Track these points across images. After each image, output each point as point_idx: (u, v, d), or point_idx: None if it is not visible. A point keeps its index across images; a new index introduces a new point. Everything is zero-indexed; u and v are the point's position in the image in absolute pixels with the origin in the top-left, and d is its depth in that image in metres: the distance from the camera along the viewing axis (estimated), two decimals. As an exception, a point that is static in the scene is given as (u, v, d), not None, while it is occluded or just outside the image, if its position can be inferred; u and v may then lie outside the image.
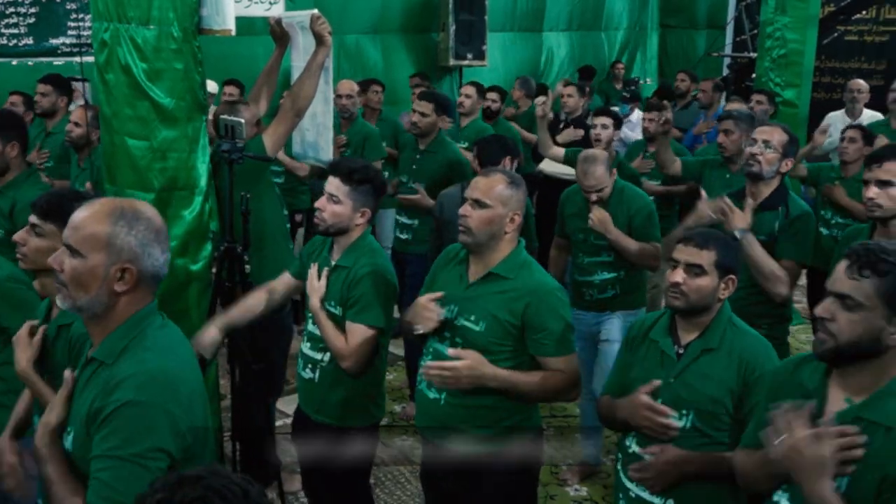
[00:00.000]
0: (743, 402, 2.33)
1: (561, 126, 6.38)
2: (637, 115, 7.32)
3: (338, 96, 5.54)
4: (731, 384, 2.34)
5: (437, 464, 2.79)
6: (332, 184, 2.88)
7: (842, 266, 1.84)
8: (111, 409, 1.75)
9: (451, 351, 2.59)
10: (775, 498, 1.96)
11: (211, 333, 2.92)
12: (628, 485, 2.47)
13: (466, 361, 2.53)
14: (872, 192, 3.11)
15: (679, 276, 2.39)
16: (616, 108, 6.45)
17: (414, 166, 4.92)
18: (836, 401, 1.88)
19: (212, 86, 6.16)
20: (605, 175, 3.86)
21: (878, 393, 1.82)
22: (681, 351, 2.42)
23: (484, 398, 2.61)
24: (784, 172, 3.46)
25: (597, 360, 4.00)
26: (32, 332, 2.21)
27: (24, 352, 2.18)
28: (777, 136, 3.43)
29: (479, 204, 2.61)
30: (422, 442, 2.94)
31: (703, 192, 3.57)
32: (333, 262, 2.94)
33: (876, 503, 1.77)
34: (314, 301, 2.91)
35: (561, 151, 5.20)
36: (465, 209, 2.62)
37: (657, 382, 2.39)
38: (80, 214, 1.87)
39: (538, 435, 2.81)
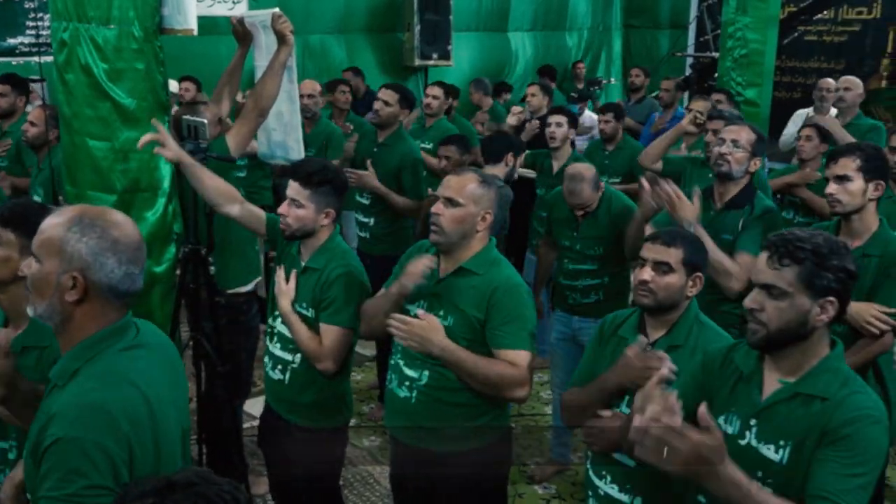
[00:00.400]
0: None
1: (526, 125, 6.42)
2: (587, 114, 7.37)
3: (303, 97, 5.51)
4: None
5: (407, 464, 2.78)
6: (293, 188, 2.87)
7: (763, 258, 1.94)
8: (45, 445, 1.68)
9: (419, 311, 2.59)
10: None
11: None
12: (597, 482, 2.49)
13: (422, 322, 2.53)
14: (832, 188, 3.14)
15: (647, 273, 2.41)
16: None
17: (370, 158, 4.92)
18: (771, 382, 1.99)
19: (174, 85, 6.11)
20: (591, 194, 3.89)
21: (812, 371, 1.94)
22: (648, 348, 2.44)
23: (455, 395, 2.61)
24: (753, 172, 3.50)
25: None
26: None
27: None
28: (745, 134, 3.46)
29: (451, 202, 2.62)
30: (391, 442, 2.94)
31: (646, 184, 3.56)
32: (303, 264, 2.93)
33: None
34: (284, 304, 2.90)
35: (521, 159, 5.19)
36: (438, 208, 2.62)
37: (644, 339, 2.41)
38: (47, 219, 1.82)
39: (507, 434, 2.82)
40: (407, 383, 2.69)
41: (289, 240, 2.98)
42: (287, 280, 2.94)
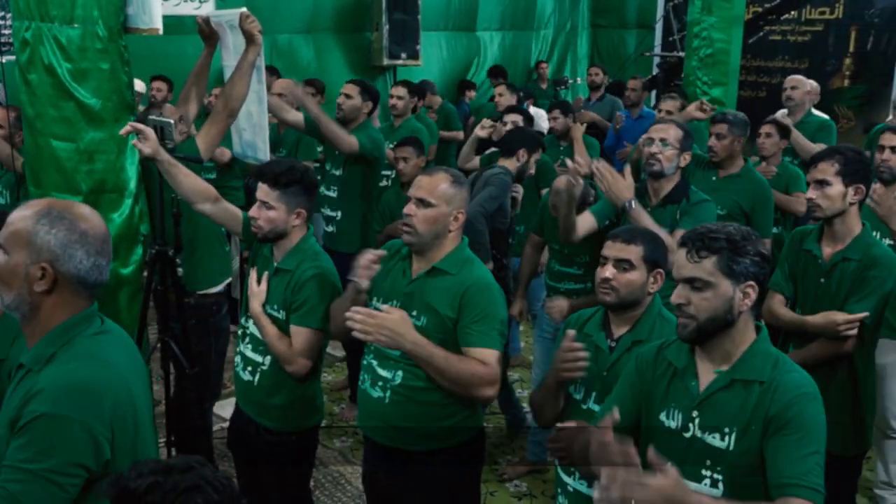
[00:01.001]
0: None
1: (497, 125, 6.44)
2: (533, 110, 7.40)
3: (277, 95, 5.48)
4: None
5: (380, 463, 2.78)
6: (262, 190, 2.86)
7: (681, 254, 2.01)
8: (26, 419, 1.72)
9: (382, 306, 2.57)
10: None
11: None
12: (566, 479, 2.51)
13: (392, 316, 2.50)
14: (811, 192, 3.13)
15: (609, 271, 2.44)
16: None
17: (336, 152, 4.90)
18: (707, 373, 2.04)
19: (139, 85, 6.04)
20: (566, 208, 3.71)
21: (744, 357, 2.00)
22: (613, 344, 2.47)
23: (428, 395, 2.61)
24: (684, 167, 3.55)
25: None
26: None
27: None
28: (673, 132, 3.52)
29: (423, 203, 2.61)
30: (364, 442, 2.93)
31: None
32: (275, 265, 2.92)
33: (761, 447, 1.92)
34: (255, 306, 2.89)
35: (476, 163, 5.17)
36: (410, 209, 2.62)
37: (576, 342, 2.44)
38: (14, 212, 1.85)
39: (480, 434, 2.82)
40: (380, 383, 2.68)
41: (261, 242, 2.96)
42: (259, 282, 2.92)
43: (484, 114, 7.20)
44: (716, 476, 1.97)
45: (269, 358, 2.90)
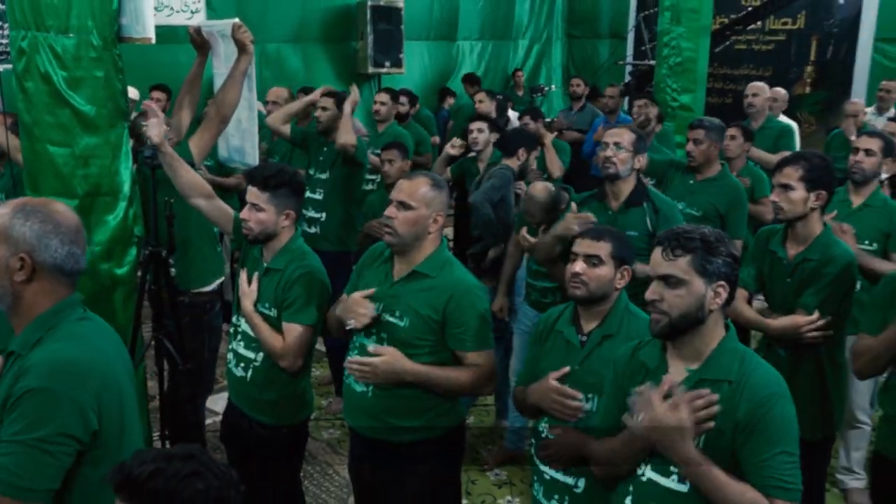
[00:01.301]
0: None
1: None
2: (511, 114, 7.41)
3: (268, 103, 5.48)
4: None
5: (365, 455, 2.78)
6: (252, 193, 2.86)
7: (657, 253, 2.02)
8: (17, 395, 1.74)
9: (370, 347, 2.60)
10: (639, 472, 2.05)
11: None
12: (542, 467, 2.51)
13: (384, 357, 2.56)
14: (775, 195, 3.15)
15: (579, 266, 2.46)
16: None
17: (321, 158, 4.93)
18: (678, 372, 2.03)
19: (133, 92, 6.00)
20: (541, 214, 3.74)
21: (712, 355, 2.00)
22: (584, 339, 2.48)
23: (409, 390, 2.61)
24: (638, 168, 3.55)
25: None
26: None
27: None
28: (626, 136, 3.52)
29: (403, 206, 2.61)
30: (350, 434, 2.93)
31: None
32: (265, 265, 2.91)
33: (731, 448, 1.92)
34: (247, 305, 2.88)
35: (448, 174, 5.18)
36: (391, 211, 2.61)
37: (566, 369, 2.45)
38: None
39: (461, 426, 2.82)
40: None
41: (252, 243, 2.95)
42: (249, 282, 2.92)
43: (463, 115, 7.23)
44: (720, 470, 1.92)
45: (261, 354, 2.89)
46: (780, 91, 6.68)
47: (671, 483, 1.97)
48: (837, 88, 8.01)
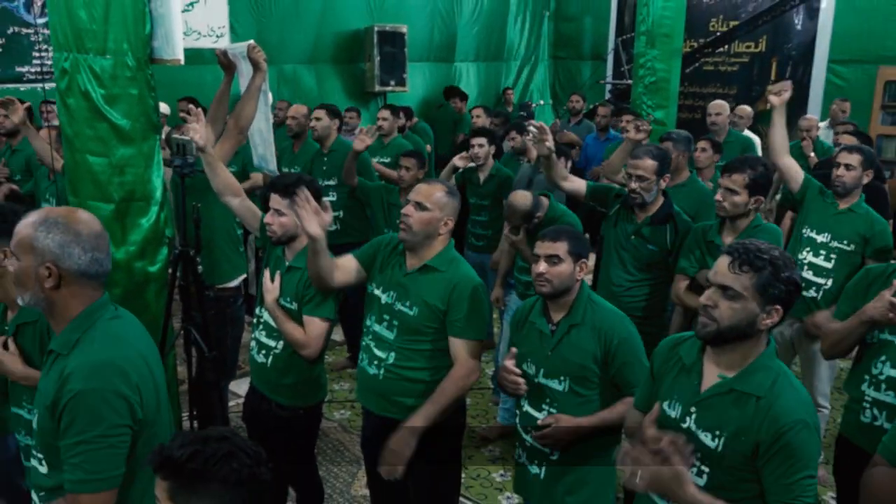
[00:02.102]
0: (607, 364, 2.41)
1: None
2: None
3: (289, 118, 5.45)
4: (595, 352, 2.42)
5: (376, 432, 2.75)
6: (274, 199, 2.85)
7: (724, 261, 1.86)
8: (66, 399, 1.73)
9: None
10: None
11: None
12: (524, 436, 2.55)
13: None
14: (720, 195, 3.27)
15: (542, 266, 2.45)
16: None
17: (324, 167, 4.96)
18: (711, 375, 1.91)
19: (164, 108, 5.98)
20: (521, 219, 3.72)
21: (748, 368, 1.86)
22: (553, 328, 2.48)
23: (416, 373, 2.61)
24: (663, 188, 3.56)
25: None
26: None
27: (13, 361, 2.15)
28: (648, 165, 3.47)
29: (420, 206, 2.61)
30: (363, 413, 2.91)
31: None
32: (287, 263, 2.90)
33: (750, 464, 1.82)
34: (269, 300, 2.87)
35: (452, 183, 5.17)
36: (408, 209, 2.61)
37: (514, 350, 2.48)
38: (20, 223, 1.85)
39: (461, 406, 2.81)
40: (376, 362, 2.68)
41: (276, 244, 2.94)
42: (273, 280, 2.90)
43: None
44: (703, 468, 1.88)
45: (281, 343, 2.88)
46: (746, 108, 6.67)
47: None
48: (795, 105, 7.99)
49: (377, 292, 2.70)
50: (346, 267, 2.79)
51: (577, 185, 3.81)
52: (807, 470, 1.78)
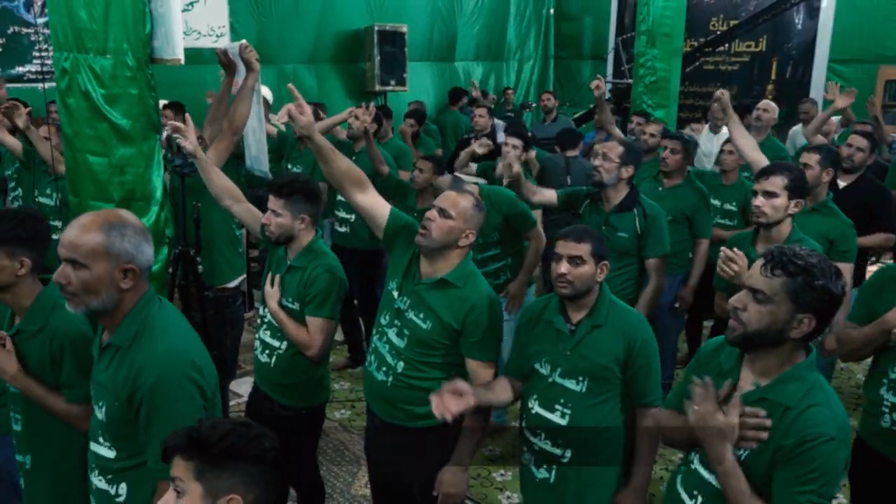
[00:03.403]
0: (627, 366, 2.39)
1: (472, 141, 6.42)
2: (498, 122, 7.35)
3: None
4: (618, 353, 2.39)
5: (382, 436, 2.73)
6: (271, 200, 2.85)
7: (758, 264, 1.82)
8: (142, 392, 1.83)
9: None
10: (690, 457, 1.99)
11: None
12: (532, 439, 2.50)
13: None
14: (759, 201, 3.05)
15: (564, 267, 2.40)
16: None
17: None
18: (746, 382, 1.89)
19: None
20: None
21: (780, 377, 1.82)
22: (573, 328, 2.45)
23: (423, 382, 2.57)
24: (626, 178, 3.56)
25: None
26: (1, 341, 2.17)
27: (7, 360, 2.15)
28: (616, 149, 3.54)
29: (443, 213, 2.54)
30: (367, 414, 2.85)
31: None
32: (288, 263, 2.90)
33: (769, 468, 1.79)
34: (272, 304, 2.87)
35: (472, 169, 5.14)
36: (431, 214, 2.55)
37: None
38: (73, 233, 1.86)
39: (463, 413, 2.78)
40: (384, 368, 2.64)
41: (275, 245, 2.94)
42: (273, 285, 2.90)
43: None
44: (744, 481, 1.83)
45: (285, 343, 2.88)
46: (772, 105, 6.53)
47: (712, 478, 1.88)
48: (796, 104, 8.00)
49: (394, 292, 2.66)
50: (377, 201, 2.69)
51: (548, 196, 3.92)
52: (818, 487, 1.71)
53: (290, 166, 5.40)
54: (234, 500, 1.45)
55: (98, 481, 2.00)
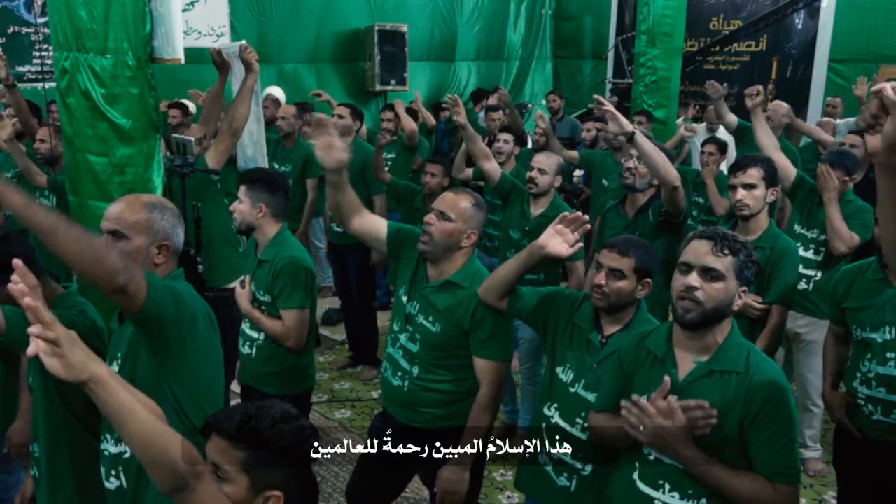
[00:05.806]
0: None
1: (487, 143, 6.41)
2: None
3: (281, 117, 5.46)
4: None
5: (398, 437, 2.67)
6: (239, 189, 2.92)
7: (705, 245, 1.92)
8: None
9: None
10: (645, 451, 1.98)
11: None
12: (550, 448, 2.41)
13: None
14: (740, 193, 3.11)
15: (602, 278, 2.31)
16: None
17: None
18: (686, 363, 1.95)
19: (165, 107, 5.97)
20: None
21: (721, 348, 1.93)
22: (604, 340, 2.35)
23: (439, 385, 2.55)
24: (656, 184, 3.51)
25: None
26: None
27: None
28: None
29: (443, 216, 2.52)
30: (383, 416, 2.81)
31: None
32: (258, 257, 2.94)
33: (740, 439, 1.85)
34: (243, 304, 2.94)
35: (469, 173, 5.12)
36: (430, 217, 2.52)
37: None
38: (120, 206, 2.05)
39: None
40: (400, 373, 2.62)
41: (240, 233, 3.01)
42: (242, 286, 2.96)
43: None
44: (723, 466, 1.87)
45: (262, 334, 2.93)
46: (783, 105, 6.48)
47: (675, 462, 1.90)
48: (796, 104, 8.00)
49: (403, 298, 2.64)
50: (372, 223, 2.67)
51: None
52: (792, 434, 1.83)
53: (276, 165, 5.39)
54: (274, 498, 1.44)
55: (110, 484, 2.05)
